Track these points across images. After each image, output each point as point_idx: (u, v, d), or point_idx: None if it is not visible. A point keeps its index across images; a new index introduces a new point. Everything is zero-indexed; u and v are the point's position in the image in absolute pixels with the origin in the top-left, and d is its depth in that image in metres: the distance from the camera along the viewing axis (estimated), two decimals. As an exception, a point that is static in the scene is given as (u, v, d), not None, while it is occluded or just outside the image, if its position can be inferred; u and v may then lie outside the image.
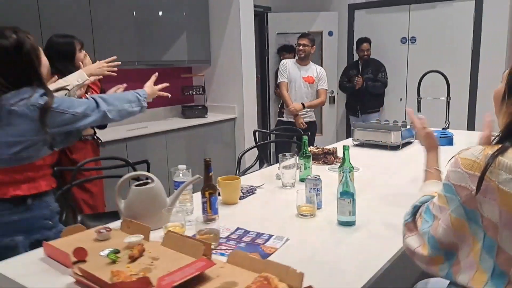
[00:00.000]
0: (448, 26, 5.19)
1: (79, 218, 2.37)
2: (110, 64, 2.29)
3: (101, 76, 2.33)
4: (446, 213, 1.11)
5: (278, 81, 4.38)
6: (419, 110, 3.16)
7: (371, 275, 1.27)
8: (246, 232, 1.56)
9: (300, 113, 4.23)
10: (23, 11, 3.16)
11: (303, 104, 4.20)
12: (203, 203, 1.64)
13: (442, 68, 3.24)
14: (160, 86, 2.13)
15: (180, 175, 1.73)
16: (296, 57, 4.34)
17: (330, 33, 5.80)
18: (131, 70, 3.88)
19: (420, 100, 3.17)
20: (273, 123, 5.96)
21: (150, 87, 2.06)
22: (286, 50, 5.63)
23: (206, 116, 4.57)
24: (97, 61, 2.30)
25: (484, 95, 5.04)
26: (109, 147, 3.25)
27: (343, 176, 1.59)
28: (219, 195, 1.79)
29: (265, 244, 1.45)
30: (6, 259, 1.51)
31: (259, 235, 1.53)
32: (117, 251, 1.36)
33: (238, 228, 1.59)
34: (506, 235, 0.99)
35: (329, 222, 1.64)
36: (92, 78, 2.27)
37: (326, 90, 4.35)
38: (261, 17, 5.78)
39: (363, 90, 5.21)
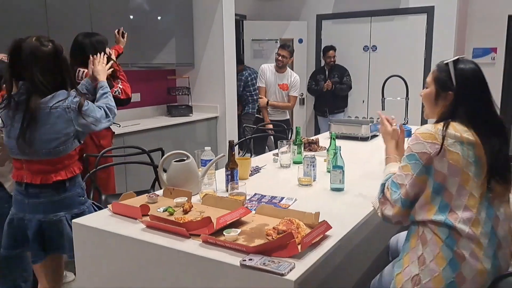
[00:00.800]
0: (404, 36, 5.85)
1: (103, 197, 2.74)
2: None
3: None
4: (411, 177, 1.60)
5: (257, 85, 4.87)
6: (383, 108, 3.70)
7: (359, 219, 1.77)
8: (262, 196, 2.03)
9: (272, 112, 4.72)
10: (33, 14, 3.48)
11: (267, 102, 4.71)
12: (227, 175, 2.08)
13: (398, 73, 3.75)
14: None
15: (206, 154, 2.17)
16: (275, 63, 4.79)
17: (300, 41, 6.34)
18: (125, 72, 4.22)
19: (384, 100, 3.73)
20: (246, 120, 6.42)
21: (101, 72, 2.37)
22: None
23: (190, 115, 4.97)
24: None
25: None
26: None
27: (335, 153, 2.09)
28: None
29: (280, 202, 1.93)
30: (52, 232, 1.92)
31: (273, 197, 2.00)
32: (171, 207, 1.79)
33: (255, 194, 2.05)
34: (451, 180, 1.50)
35: (324, 189, 2.14)
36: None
37: (296, 97, 4.83)
38: (237, 24, 6.21)
39: (330, 92, 5.76)
